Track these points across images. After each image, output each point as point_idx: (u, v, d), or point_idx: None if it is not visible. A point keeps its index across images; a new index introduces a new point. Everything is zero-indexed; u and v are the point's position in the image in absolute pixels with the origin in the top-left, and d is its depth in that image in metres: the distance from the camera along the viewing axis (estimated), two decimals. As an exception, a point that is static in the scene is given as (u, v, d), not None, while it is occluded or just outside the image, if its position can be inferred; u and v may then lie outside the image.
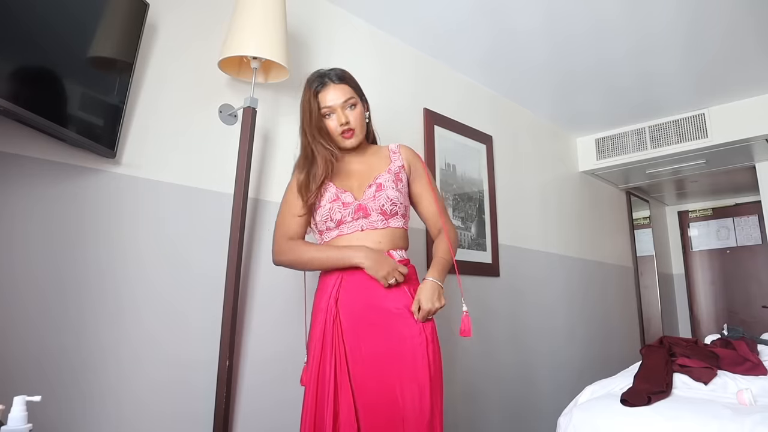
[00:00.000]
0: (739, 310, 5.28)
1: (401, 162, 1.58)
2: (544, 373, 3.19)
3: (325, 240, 1.52)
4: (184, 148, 1.72)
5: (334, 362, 1.39)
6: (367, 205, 1.47)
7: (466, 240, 2.80)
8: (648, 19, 2.45)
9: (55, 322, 1.38)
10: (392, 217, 1.49)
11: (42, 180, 1.40)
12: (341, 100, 1.49)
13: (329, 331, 1.41)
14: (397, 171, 1.55)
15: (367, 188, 1.50)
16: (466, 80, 3.05)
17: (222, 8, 1.85)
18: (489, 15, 2.42)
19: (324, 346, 1.41)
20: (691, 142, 3.57)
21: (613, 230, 4.46)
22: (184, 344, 1.62)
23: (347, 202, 1.48)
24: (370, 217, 1.47)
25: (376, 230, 1.47)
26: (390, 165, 1.56)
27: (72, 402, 1.38)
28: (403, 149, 1.61)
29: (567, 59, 2.85)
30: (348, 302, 1.43)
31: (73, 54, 1.36)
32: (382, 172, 1.54)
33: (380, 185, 1.50)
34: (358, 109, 1.52)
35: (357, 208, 1.47)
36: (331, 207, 1.48)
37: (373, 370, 1.37)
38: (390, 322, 1.40)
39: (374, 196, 1.48)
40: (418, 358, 1.37)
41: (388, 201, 1.48)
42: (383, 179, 1.52)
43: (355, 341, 1.40)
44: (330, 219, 1.48)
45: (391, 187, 1.50)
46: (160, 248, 1.61)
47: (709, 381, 1.70)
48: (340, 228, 1.48)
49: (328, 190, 1.50)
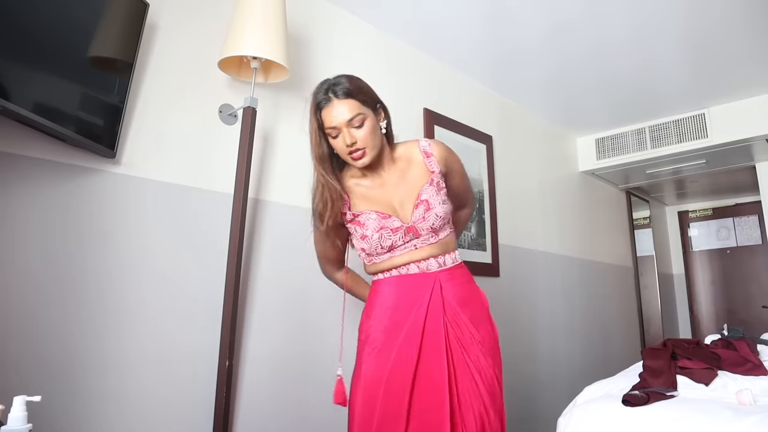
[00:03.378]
0: (739, 310, 5.27)
1: (438, 167, 1.45)
2: (543, 374, 3.18)
3: (374, 262, 1.43)
4: (184, 148, 1.72)
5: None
6: (418, 226, 1.38)
7: (466, 240, 2.80)
8: (648, 20, 2.45)
9: (55, 322, 1.38)
10: (441, 231, 1.42)
11: (42, 180, 1.40)
12: (346, 119, 1.32)
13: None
14: (438, 180, 1.44)
15: (414, 209, 1.39)
16: (466, 80, 3.05)
17: (222, 8, 1.85)
18: (489, 15, 2.42)
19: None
20: (691, 142, 3.57)
21: (613, 230, 4.46)
22: (184, 343, 1.62)
23: (395, 228, 1.38)
24: (421, 236, 1.39)
25: (430, 246, 1.40)
26: (432, 175, 1.44)
27: (72, 402, 1.38)
28: (435, 149, 1.47)
29: (567, 59, 2.84)
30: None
31: (73, 54, 1.36)
32: (425, 185, 1.42)
33: (427, 203, 1.39)
34: (367, 126, 1.34)
35: (407, 231, 1.38)
36: (381, 236, 1.37)
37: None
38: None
39: (424, 217, 1.38)
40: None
41: (438, 219, 1.39)
42: (428, 195, 1.40)
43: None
44: (381, 246, 1.38)
45: (438, 202, 1.40)
46: (160, 248, 1.61)
47: (710, 382, 1.70)
48: (392, 252, 1.40)
49: (369, 219, 1.39)
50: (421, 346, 1.32)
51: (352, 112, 1.33)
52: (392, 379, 1.30)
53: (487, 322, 1.44)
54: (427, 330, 1.34)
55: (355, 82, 1.38)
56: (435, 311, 1.35)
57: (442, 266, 1.41)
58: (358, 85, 1.37)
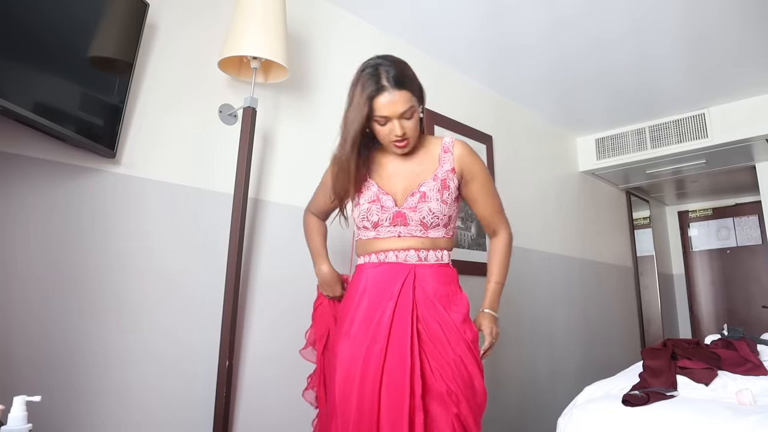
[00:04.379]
0: (739, 310, 5.28)
1: (451, 165, 1.42)
2: (543, 374, 3.18)
3: (361, 237, 1.44)
4: (184, 148, 1.72)
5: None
6: (407, 214, 1.38)
7: (466, 240, 2.80)
8: (646, 15, 2.45)
9: (55, 322, 1.38)
10: (432, 229, 1.39)
11: (42, 180, 1.40)
12: (399, 111, 1.31)
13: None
14: (444, 177, 1.40)
15: (410, 196, 1.39)
16: (466, 80, 3.05)
17: (222, 8, 1.85)
18: (488, 15, 2.42)
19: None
20: (691, 142, 3.57)
21: (613, 230, 4.46)
22: (184, 343, 1.62)
23: (386, 206, 1.39)
24: (408, 226, 1.38)
25: (414, 237, 1.38)
26: (437, 170, 1.41)
27: (72, 402, 1.38)
28: (457, 148, 1.44)
29: (567, 59, 2.84)
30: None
31: (73, 54, 1.36)
32: (428, 179, 1.40)
33: (424, 195, 1.38)
34: (415, 118, 1.35)
35: (395, 214, 1.38)
36: (369, 208, 1.39)
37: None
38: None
39: (416, 207, 1.37)
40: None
41: (430, 214, 1.37)
42: (428, 188, 1.39)
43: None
44: (367, 219, 1.40)
45: (435, 198, 1.38)
46: (160, 248, 1.61)
47: (710, 382, 1.70)
48: (377, 230, 1.40)
49: (369, 189, 1.41)
50: (389, 340, 1.30)
51: (406, 104, 1.31)
52: (366, 369, 1.29)
53: (464, 322, 1.37)
54: (395, 324, 1.31)
55: (408, 70, 1.36)
56: (404, 303, 1.33)
57: (422, 261, 1.38)
58: (411, 75, 1.36)
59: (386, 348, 1.30)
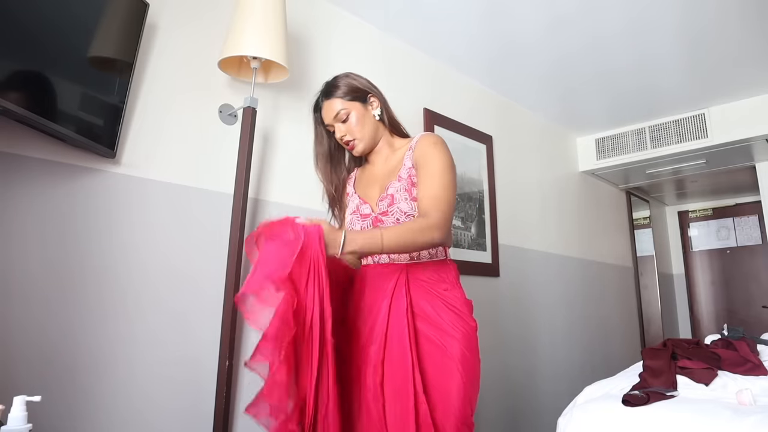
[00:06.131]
0: (739, 310, 5.27)
1: (411, 162, 1.42)
2: (543, 373, 3.18)
3: None
4: (184, 148, 1.72)
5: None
6: (383, 219, 1.41)
7: (466, 240, 2.80)
8: (644, 12, 2.44)
9: (55, 322, 1.38)
10: None
11: (42, 180, 1.40)
12: (332, 117, 1.46)
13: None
14: (408, 176, 1.42)
15: (380, 201, 1.43)
16: (466, 80, 3.05)
17: (222, 8, 1.85)
18: (487, 14, 2.42)
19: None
20: (691, 142, 3.57)
21: (613, 230, 4.46)
22: (184, 344, 1.62)
23: (365, 214, 1.45)
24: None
25: None
26: (401, 170, 1.43)
27: (72, 402, 1.38)
28: (420, 142, 1.42)
29: (567, 58, 2.84)
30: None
31: (73, 54, 1.36)
32: (393, 180, 1.43)
33: (392, 197, 1.41)
34: (351, 119, 1.45)
35: (374, 220, 1.43)
36: (351, 219, 1.47)
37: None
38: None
39: (387, 212, 1.41)
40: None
41: (403, 215, 1.39)
42: (394, 189, 1.41)
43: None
44: (352, 229, 1.44)
45: (403, 198, 1.39)
46: (160, 248, 1.61)
47: (710, 382, 1.69)
48: None
49: (352, 201, 1.51)
50: (386, 343, 1.31)
51: (336, 110, 1.45)
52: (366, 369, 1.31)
53: (458, 320, 1.34)
54: (391, 326, 1.32)
55: (340, 79, 1.48)
56: (398, 306, 1.33)
57: (414, 259, 1.40)
58: (342, 82, 1.47)
59: (384, 348, 1.31)
